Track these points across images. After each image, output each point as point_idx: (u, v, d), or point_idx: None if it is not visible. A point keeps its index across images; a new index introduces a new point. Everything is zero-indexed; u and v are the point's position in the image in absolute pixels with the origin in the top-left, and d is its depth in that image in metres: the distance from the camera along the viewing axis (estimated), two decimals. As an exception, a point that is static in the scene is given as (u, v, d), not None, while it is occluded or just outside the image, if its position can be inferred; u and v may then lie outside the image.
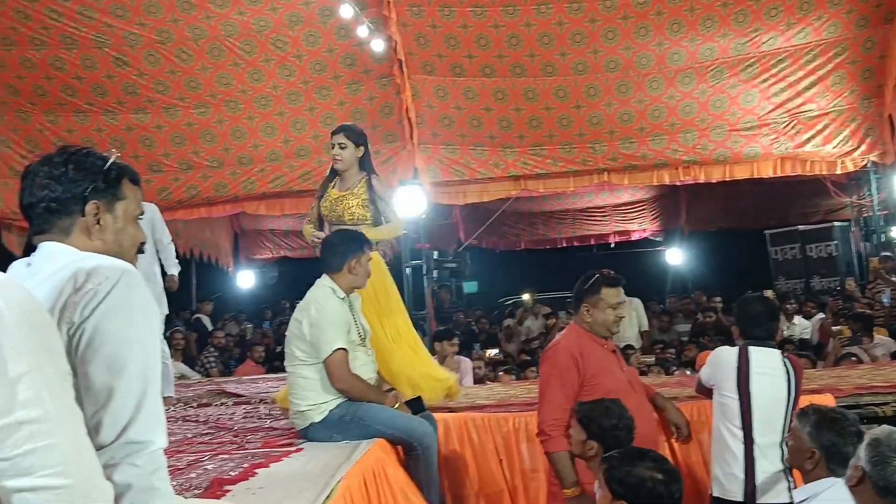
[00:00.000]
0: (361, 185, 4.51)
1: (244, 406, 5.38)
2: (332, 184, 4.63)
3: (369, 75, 9.09)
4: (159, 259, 5.80)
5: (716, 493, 3.73)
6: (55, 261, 1.62)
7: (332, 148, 4.54)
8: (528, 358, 8.86)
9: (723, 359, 3.81)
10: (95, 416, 1.47)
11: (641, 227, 15.65)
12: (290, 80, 9.04)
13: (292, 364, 3.86)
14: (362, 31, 8.35)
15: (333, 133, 4.58)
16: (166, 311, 5.91)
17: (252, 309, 15.55)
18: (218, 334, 10.60)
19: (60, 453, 1.11)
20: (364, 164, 4.60)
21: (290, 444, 3.69)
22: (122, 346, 1.52)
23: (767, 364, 3.73)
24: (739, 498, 3.61)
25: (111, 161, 1.78)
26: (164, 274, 5.86)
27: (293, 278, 16.16)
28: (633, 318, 9.10)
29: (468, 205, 11.10)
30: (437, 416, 4.27)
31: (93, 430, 1.45)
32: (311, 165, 9.44)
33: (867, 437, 2.41)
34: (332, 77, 9.06)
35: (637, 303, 9.33)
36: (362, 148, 4.57)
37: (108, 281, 1.54)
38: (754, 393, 3.65)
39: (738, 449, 3.61)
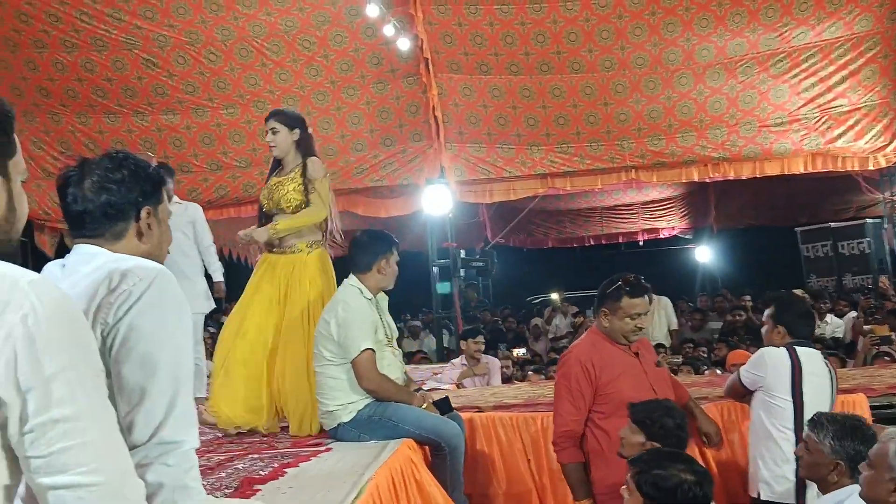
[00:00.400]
0: (297, 169, 4.28)
1: (273, 405, 5.41)
2: (275, 173, 4.40)
3: (396, 74, 9.11)
4: (202, 259, 5.84)
5: (763, 496, 3.67)
6: (91, 262, 1.65)
7: (266, 135, 4.34)
8: (557, 356, 8.83)
9: (775, 361, 3.71)
10: (129, 415, 1.49)
11: (670, 224, 15.53)
12: (318, 79, 9.08)
13: (320, 364, 3.87)
14: (388, 31, 8.36)
15: (266, 119, 4.38)
16: (212, 307, 5.99)
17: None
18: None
19: (94, 451, 1.13)
20: (302, 147, 4.34)
21: (318, 444, 3.71)
22: (155, 347, 1.54)
23: (814, 365, 3.69)
24: (791, 500, 3.56)
25: (154, 166, 1.83)
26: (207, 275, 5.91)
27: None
28: (661, 317, 9.04)
29: (495, 203, 11.08)
30: (464, 415, 4.26)
31: (126, 429, 1.47)
32: (338, 165, 9.46)
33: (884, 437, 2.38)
34: (358, 76, 9.09)
35: (666, 301, 9.26)
36: (297, 131, 4.32)
37: (143, 282, 1.56)
38: (806, 394, 3.60)
39: (790, 451, 3.53)
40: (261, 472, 3.07)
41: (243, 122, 9.33)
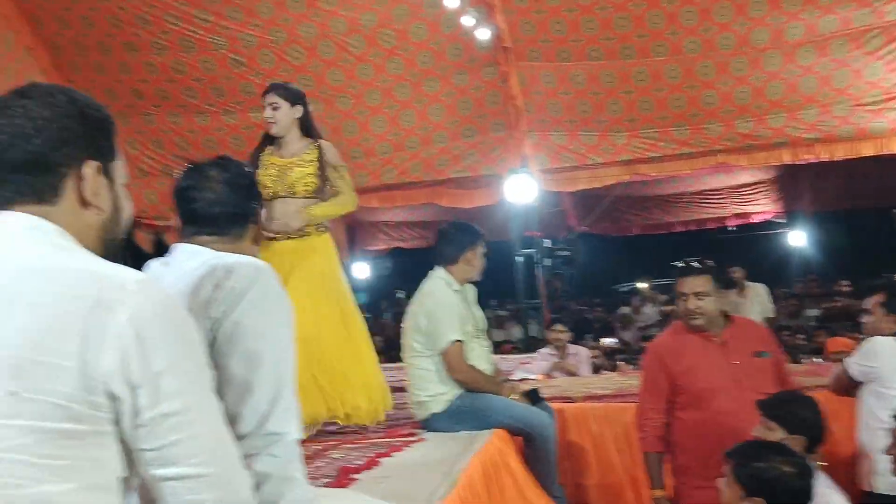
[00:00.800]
0: (311, 152, 3.95)
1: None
2: (268, 152, 4.00)
3: (475, 64, 9.08)
4: None
5: (881, 490, 3.54)
6: (194, 259, 1.71)
7: (265, 110, 3.95)
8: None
9: (888, 351, 3.57)
10: (235, 407, 1.54)
11: (762, 208, 15.02)
12: (398, 73, 9.13)
13: (410, 356, 3.92)
14: (467, 21, 8.34)
15: (265, 93, 4.00)
16: None
17: (367, 299, 15.90)
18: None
19: (203, 443, 1.16)
20: (306, 127, 4.03)
21: (411, 434, 3.76)
22: (259, 342, 1.59)
23: None
24: None
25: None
26: None
27: (406, 269, 16.41)
28: (756, 305, 8.76)
29: (579, 191, 10.94)
30: (554, 406, 4.25)
31: (233, 420, 1.51)
32: (420, 157, 9.53)
33: None
34: (438, 68, 9.10)
35: (761, 288, 8.97)
36: (300, 107, 4.00)
37: (247, 278, 1.61)
38: None
39: None
40: (356, 462, 3.12)
41: (327, 117, 9.41)
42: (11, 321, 1.09)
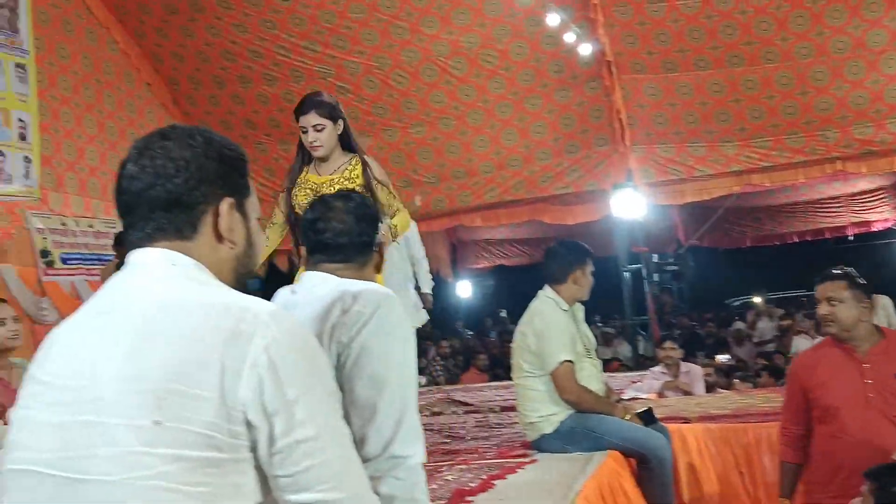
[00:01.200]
0: (354, 168, 3.60)
1: (474, 415, 5.52)
2: (306, 171, 3.69)
3: (577, 80, 9.04)
4: (413, 273, 6.02)
5: None
6: (322, 286, 1.78)
7: (306, 133, 3.54)
8: (766, 362, 8.36)
9: None
10: (361, 430, 1.58)
11: (883, 216, 14.28)
12: (500, 92, 9.19)
13: (519, 376, 3.90)
14: (569, 37, 8.32)
15: (301, 113, 3.57)
16: (425, 319, 6.14)
17: (471, 317, 15.96)
18: (443, 343, 10.94)
19: (334, 469, 1.19)
20: (346, 141, 3.64)
21: (523, 455, 3.74)
22: (384, 366, 1.64)
23: None
24: None
25: None
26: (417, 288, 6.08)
27: (509, 286, 16.42)
28: (881, 317, 8.30)
29: (687, 204, 10.69)
30: (670, 427, 4.14)
31: (359, 443, 1.55)
32: (523, 175, 9.53)
33: None
34: (540, 86, 9.11)
35: (886, 300, 8.51)
36: (341, 122, 3.60)
37: (373, 304, 1.67)
38: None
39: None
40: (470, 484, 3.13)
41: (430, 139, 9.61)
42: (154, 353, 1.15)
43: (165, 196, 1.26)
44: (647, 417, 3.90)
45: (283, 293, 1.91)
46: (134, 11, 8.63)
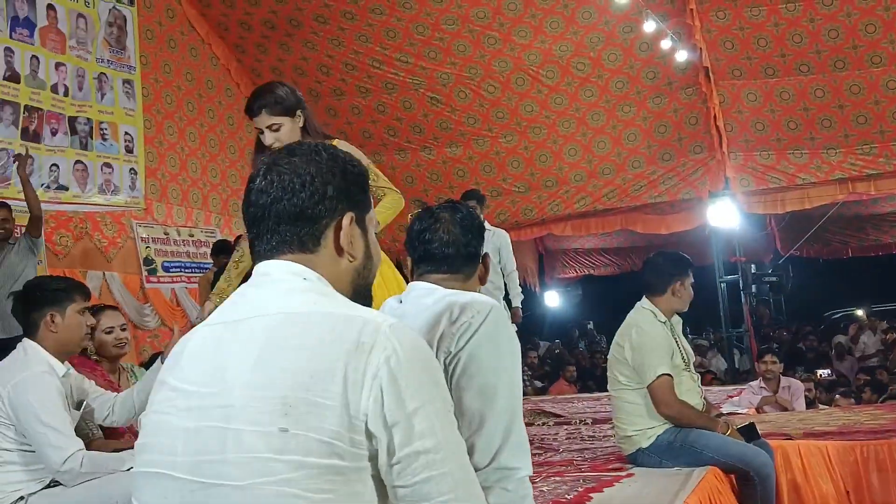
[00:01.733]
0: None
1: (565, 426, 5.47)
2: None
3: (673, 87, 8.89)
4: (504, 286, 6.03)
5: None
6: (429, 296, 1.80)
7: (262, 134, 3.07)
8: (868, 378, 8.02)
9: None
10: (469, 440, 1.59)
11: None
12: (592, 100, 9.12)
13: (615, 388, 3.84)
14: (665, 44, 8.19)
15: (251, 115, 3.08)
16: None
17: (558, 328, 15.82)
18: (531, 354, 10.89)
19: (452, 480, 1.20)
20: (311, 129, 3.13)
21: (619, 469, 3.68)
22: (492, 376, 1.64)
23: None
24: None
25: None
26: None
27: (597, 297, 16.21)
28: None
29: (786, 213, 10.35)
30: (772, 443, 4.01)
31: (467, 453, 1.56)
32: (615, 183, 9.42)
33: None
34: (634, 93, 9.00)
35: None
36: (300, 113, 3.08)
37: (480, 314, 1.67)
38: None
39: None
40: (566, 496, 3.11)
41: (521, 148, 9.61)
42: (281, 362, 1.18)
43: (291, 210, 1.30)
44: (750, 433, 3.79)
45: (390, 303, 1.94)
46: (234, 28, 8.94)
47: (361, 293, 1.38)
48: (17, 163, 5.89)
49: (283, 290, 1.28)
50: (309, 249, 1.31)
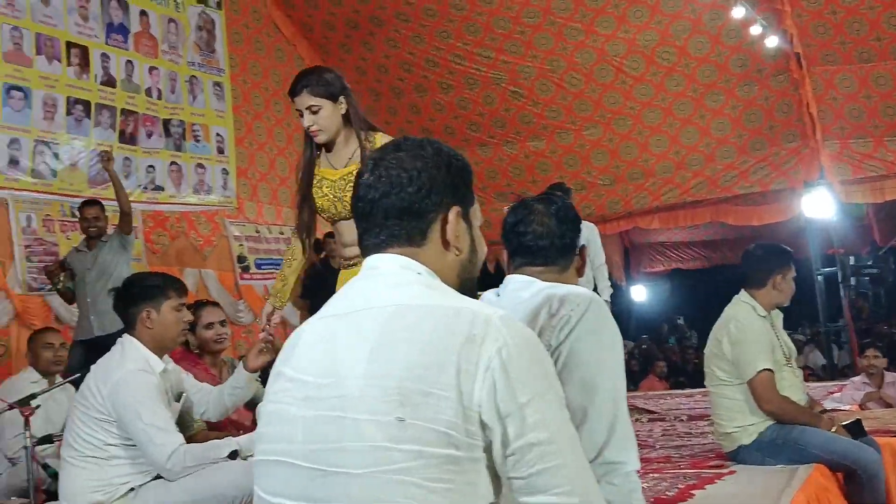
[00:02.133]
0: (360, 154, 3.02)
1: (660, 423, 5.38)
2: (318, 167, 3.13)
3: (763, 74, 8.62)
4: (594, 278, 6.01)
5: None
6: (527, 289, 1.78)
7: (301, 117, 3.00)
8: (979, 374, 7.60)
9: None
10: None
11: None
12: (679, 90, 8.92)
13: (714, 384, 3.75)
14: (755, 30, 7.95)
15: (293, 94, 3.00)
16: None
17: (645, 323, 15.55)
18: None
19: (568, 473, 1.19)
20: (354, 120, 3.03)
21: (720, 466, 3.59)
22: (594, 369, 1.61)
23: None
24: None
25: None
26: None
27: (686, 291, 15.86)
28: None
29: (886, 202, 9.91)
30: (879, 440, 3.85)
31: None
32: (704, 175, 9.19)
33: None
34: (722, 81, 8.76)
35: None
36: (342, 100, 2.99)
37: (580, 307, 1.65)
38: None
39: None
40: (667, 493, 3.05)
41: (605, 140, 9.48)
42: (395, 354, 1.19)
43: (399, 204, 1.32)
44: (856, 429, 3.64)
45: (487, 296, 1.93)
46: (318, 28, 9.09)
47: (467, 286, 1.39)
48: (107, 159, 5.81)
49: (393, 282, 1.29)
50: (416, 243, 1.33)
